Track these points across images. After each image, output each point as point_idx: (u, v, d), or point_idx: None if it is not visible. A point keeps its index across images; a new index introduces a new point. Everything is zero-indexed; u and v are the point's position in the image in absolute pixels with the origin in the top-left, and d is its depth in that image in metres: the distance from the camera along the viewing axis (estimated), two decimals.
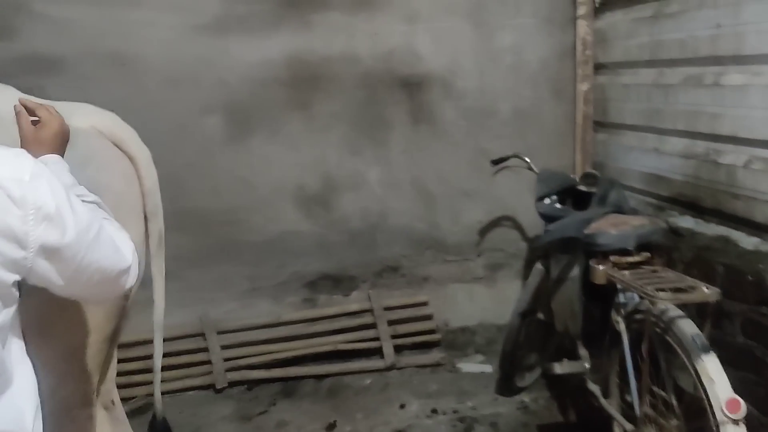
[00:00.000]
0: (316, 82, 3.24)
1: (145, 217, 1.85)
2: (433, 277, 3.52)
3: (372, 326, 3.39)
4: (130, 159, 1.80)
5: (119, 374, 3.15)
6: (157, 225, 1.88)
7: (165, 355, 3.20)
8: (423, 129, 3.36)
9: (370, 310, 3.39)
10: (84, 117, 1.76)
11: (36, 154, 1.40)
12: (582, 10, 3.28)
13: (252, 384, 3.28)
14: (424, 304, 3.46)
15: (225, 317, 3.33)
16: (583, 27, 3.29)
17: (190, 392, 3.24)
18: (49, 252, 1.07)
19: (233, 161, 3.25)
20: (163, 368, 3.20)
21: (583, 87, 3.33)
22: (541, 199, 2.59)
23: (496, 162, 2.99)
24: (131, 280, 1.27)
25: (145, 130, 3.16)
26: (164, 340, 3.23)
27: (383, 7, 3.23)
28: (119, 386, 3.11)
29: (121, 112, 3.13)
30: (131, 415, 3.13)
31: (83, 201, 1.25)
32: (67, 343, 1.66)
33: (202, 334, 3.27)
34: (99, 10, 3.04)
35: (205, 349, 3.26)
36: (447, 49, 3.29)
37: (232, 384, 3.25)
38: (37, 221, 1.04)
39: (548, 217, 2.52)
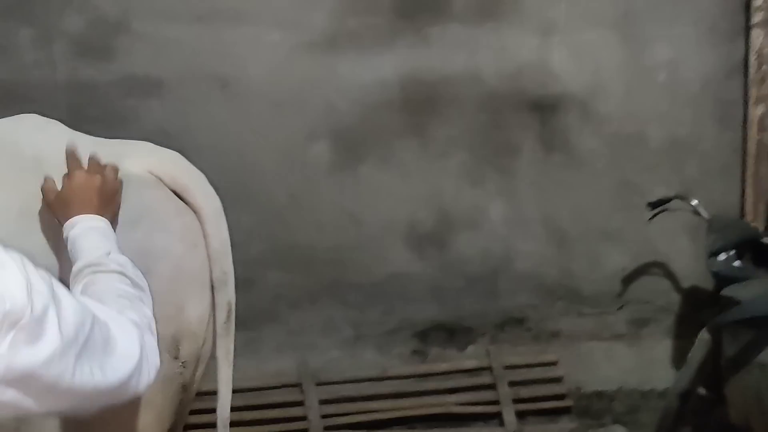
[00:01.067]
0: (432, 104, 2.91)
1: (212, 286, 1.49)
2: (565, 333, 3.09)
3: (491, 387, 2.96)
4: (195, 212, 1.47)
5: (211, 425, 2.92)
6: (226, 296, 1.52)
7: (256, 408, 2.94)
8: (556, 158, 2.97)
9: (488, 368, 2.98)
10: (138, 159, 1.45)
11: (60, 216, 1.17)
12: (757, 17, 2.77)
13: None
14: (553, 363, 3.03)
15: (325, 367, 3.00)
16: (758, 38, 2.80)
17: None
18: (19, 378, 0.73)
19: (339, 193, 2.96)
20: (253, 423, 2.93)
21: (757, 111, 2.84)
22: (714, 254, 2.13)
23: (654, 205, 2.57)
24: (144, 380, 0.93)
25: (246, 158, 3.01)
26: (257, 389, 3.01)
27: (512, 17, 2.87)
28: None
29: (221, 138, 2.96)
30: None
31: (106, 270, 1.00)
32: None
33: (299, 385, 2.95)
34: (200, 29, 2.84)
35: (301, 403, 2.93)
36: (588, 65, 2.91)
37: None
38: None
39: (725, 278, 2.06)
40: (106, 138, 1.58)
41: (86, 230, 1.14)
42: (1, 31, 2.80)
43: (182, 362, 1.41)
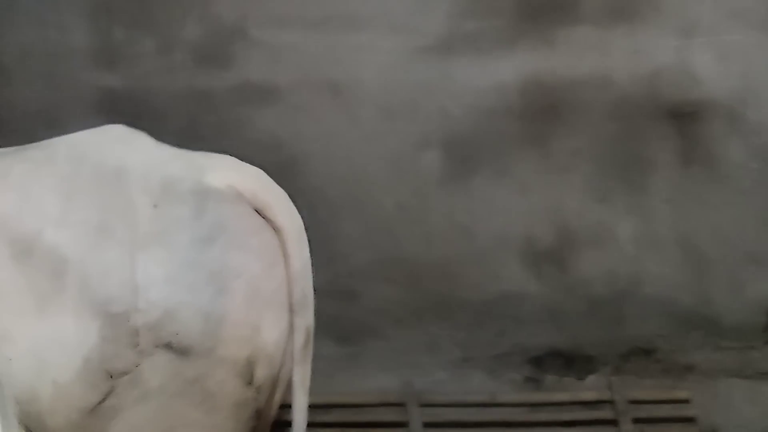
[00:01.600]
0: (556, 112, 2.73)
1: (291, 309, 1.41)
2: (700, 367, 2.79)
3: (612, 423, 2.69)
4: (277, 231, 1.42)
5: None
6: (305, 321, 1.44)
7: (357, 425, 2.85)
8: (696, 172, 2.72)
9: (610, 402, 2.71)
10: (220, 173, 1.41)
11: None
12: None
13: None
14: (685, 401, 2.71)
15: (431, 388, 2.85)
16: None
17: None
18: None
19: (450, 205, 2.82)
20: None
21: None
22: None
23: None
24: None
25: (355, 166, 2.94)
26: (358, 406, 2.91)
27: (649, 17, 2.66)
28: None
29: (331, 145, 2.90)
30: None
31: None
32: None
33: (402, 405, 2.82)
34: (316, 35, 2.81)
35: (405, 424, 2.79)
36: (736, 69, 2.66)
37: None
38: None
39: None
40: (214, 151, 1.55)
41: None
42: (127, 40, 2.89)
43: (256, 387, 1.33)
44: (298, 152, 2.86)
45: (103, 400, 1.25)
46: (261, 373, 1.35)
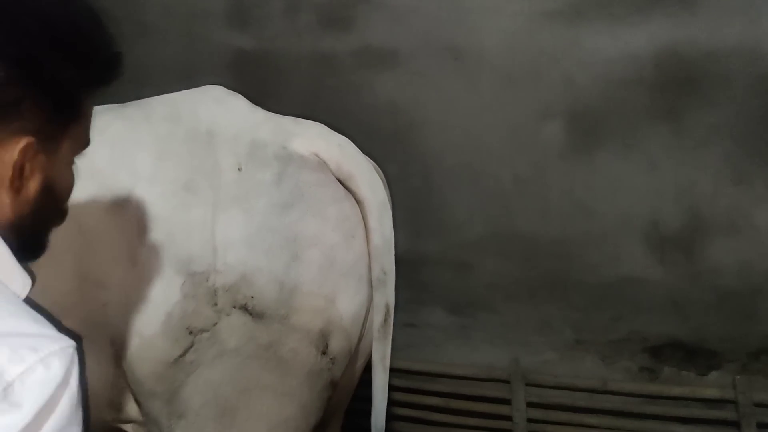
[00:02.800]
0: (692, 85, 2.43)
1: (371, 285, 1.37)
2: None
3: (734, 424, 2.47)
4: (358, 202, 1.37)
5: (417, 407, 2.86)
6: (385, 297, 1.38)
7: (462, 397, 2.80)
8: None
9: (733, 402, 2.48)
10: (306, 140, 1.38)
11: None
12: None
13: None
14: None
15: (539, 368, 2.75)
16: None
17: None
18: None
19: (571, 180, 2.63)
20: (458, 412, 2.80)
21: None
22: None
23: None
24: None
25: (472, 135, 2.83)
26: (465, 378, 2.86)
27: None
28: (418, 420, 2.80)
29: (449, 112, 2.81)
30: None
31: None
32: None
33: (508, 382, 2.74)
34: None
35: (508, 401, 2.72)
36: None
37: None
38: None
39: None
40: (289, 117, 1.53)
41: None
42: (257, 2, 2.94)
43: (330, 358, 1.31)
44: (415, 118, 2.80)
45: (183, 354, 1.28)
46: (336, 345, 1.33)
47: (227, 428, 1.28)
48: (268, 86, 3.00)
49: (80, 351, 0.72)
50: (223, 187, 1.31)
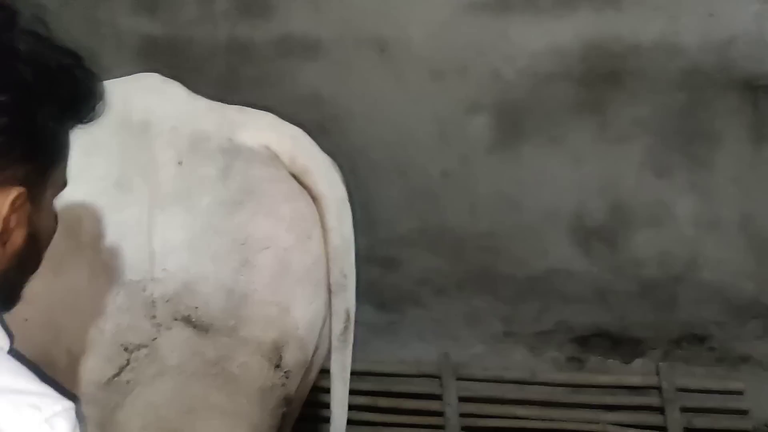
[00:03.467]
0: (617, 79, 2.51)
1: (329, 290, 1.28)
2: (756, 358, 2.60)
3: (658, 410, 2.56)
4: (315, 200, 1.27)
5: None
6: (345, 302, 1.29)
7: (392, 395, 2.75)
8: None
9: (657, 388, 2.57)
10: (256, 132, 1.27)
11: None
12: None
13: None
14: (739, 393, 2.55)
15: (469, 362, 2.74)
16: None
17: None
18: None
19: (498, 174, 2.65)
20: (388, 410, 2.75)
21: None
22: None
23: None
24: None
25: (400, 129, 2.77)
26: (394, 375, 2.82)
27: None
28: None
29: (375, 105, 2.75)
30: None
31: None
32: None
33: (438, 378, 2.72)
34: None
35: (439, 397, 2.70)
36: None
37: None
38: None
39: None
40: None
41: None
42: None
43: (284, 371, 1.22)
44: (340, 111, 2.72)
45: (118, 373, 1.16)
46: (290, 357, 1.23)
47: None
48: (180, 76, 2.80)
49: (80, 413, 0.67)
50: (161, 184, 1.18)
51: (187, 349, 1.15)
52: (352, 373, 2.70)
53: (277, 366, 1.21)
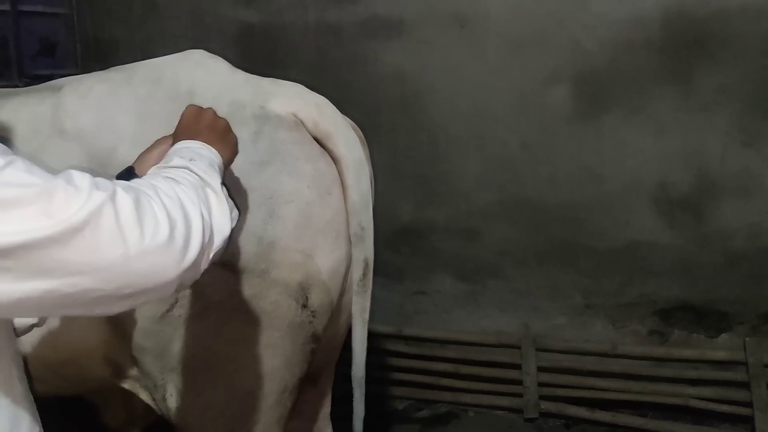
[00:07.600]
0: (702, 46, 2.41)
1: (350, 241, 1.39)
2: None
3: (743, 385, 2.47)
4: (335, 160, 1.38)
5: (427, 373, 2.90)
6: (363, 252, 1.40)
7: (472, 363, 2.84)
8: None
9: (743, 363, 2.48)
10: (284, 100, 1.38)
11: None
12: None
13: (570, 421, 2.66)
14: None
15: (548, 333, 2.76)
16: None
17: (498, 412, 2.78)
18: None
19: (578, 145, 2.63)
20: (468, 377, 2.84)
21: None
22: None
23: None
24: (195, 242, 0.78)
25: (479, 102, 2.82)
26: (475, 344, 2.89)
27: None
28: (427, 386, 2.84)
29: (456, 80, 2.80)
30: (431, 421, 2.84)
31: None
32: (237, 387, 1.34)
33: (518, 347, 2.76)
34: None
35: (519, 366, 2.74)
36: None
37: (545, 415, 2.69)
38: None
39: None
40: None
41: (182, 149, 1.00)
42: None
43: (311, 311, 1.35)
44: (422, 86, 2.80)
45: (170, 309, 1.29)
46: (316, 299, 1.35)
47: (216, 380, 1.32)
48: (275, 59, 3.01)
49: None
50: None
51: (226, 289, 1.28)
52: (434, 341, 2.85)
53: (304, 306, 1.34)
